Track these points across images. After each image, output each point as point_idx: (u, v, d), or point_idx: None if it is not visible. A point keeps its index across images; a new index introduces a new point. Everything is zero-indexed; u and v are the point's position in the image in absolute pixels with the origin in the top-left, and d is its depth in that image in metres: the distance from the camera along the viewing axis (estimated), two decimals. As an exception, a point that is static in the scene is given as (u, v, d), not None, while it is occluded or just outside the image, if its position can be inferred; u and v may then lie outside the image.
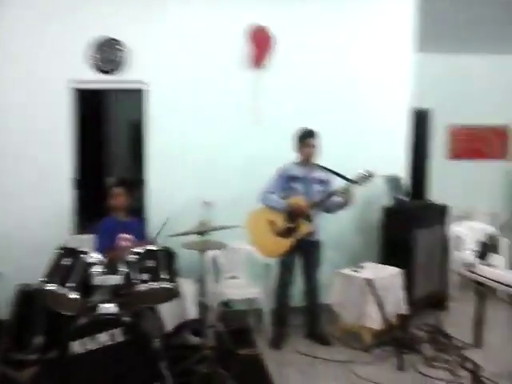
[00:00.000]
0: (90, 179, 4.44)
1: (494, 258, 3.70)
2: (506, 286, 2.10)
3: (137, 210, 4.03)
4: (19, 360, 2.99)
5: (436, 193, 6.07)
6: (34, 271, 2.94)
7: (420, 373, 3.29)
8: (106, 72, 4.15)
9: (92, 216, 4.23)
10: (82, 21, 4.08)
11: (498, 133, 6.86)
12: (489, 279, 2.24)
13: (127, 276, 2.91)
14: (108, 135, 4.42)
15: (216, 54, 4.29)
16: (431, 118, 6.68)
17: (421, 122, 6.24)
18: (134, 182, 4.29)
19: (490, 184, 6.69)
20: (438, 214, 4.48)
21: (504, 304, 4.58)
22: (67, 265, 2.84)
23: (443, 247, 4.53)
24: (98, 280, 2.83)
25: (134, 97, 4.36)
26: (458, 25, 5.45)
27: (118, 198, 3.66)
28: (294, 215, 3.69)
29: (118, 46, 4.10)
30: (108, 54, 4.11)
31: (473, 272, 2.41)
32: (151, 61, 4.21)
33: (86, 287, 2.84)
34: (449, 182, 6.36)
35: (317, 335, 3.88)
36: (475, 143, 6.84)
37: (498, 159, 6.88)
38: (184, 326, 3.56)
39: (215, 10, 4.28)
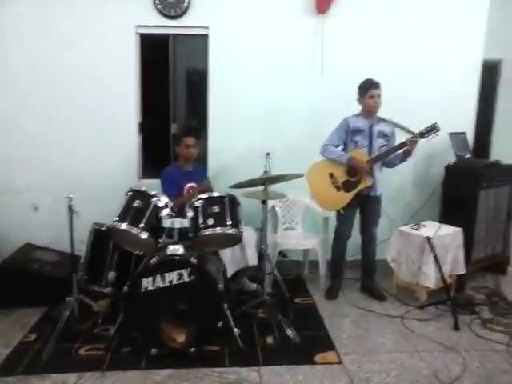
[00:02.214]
0: (154, 125, 4.51)
1: None
2: None
3: (199, 157, 4.10)
4: (95, 291, 3.21)
5: (503, 152, 5.81)
6: (107, 211, 3.09)
7: (476, 334, 3.29)
8: (169, 17, 4.13)
9: (156, 161, 4.39)
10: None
11: None
12: None
13: (194, 220, 3.02)
14: (171, 81, 4.44)
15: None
16: (501, 70, 6.28)
17: (490, 74, 5.88)
18: (199, 130, 4.35)
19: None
20: (505, 175, 4.30)
21: None
22: (138, 207, 2.98)
23: (508, 209, 4.38)
24: (166, 223, 2.96)
25: (198, 43, 4.33)
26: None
27: (188, 149, 3.73)
28: (355, 169, 3.66)
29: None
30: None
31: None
32: (214, 6, 4.13)
33: (156, 229, 2.98)
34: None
35: (372, 289, 3.92)
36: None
37: None
38: (244, 272, 3.69)
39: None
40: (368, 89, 3.64)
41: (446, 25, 4.31)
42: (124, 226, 2.92)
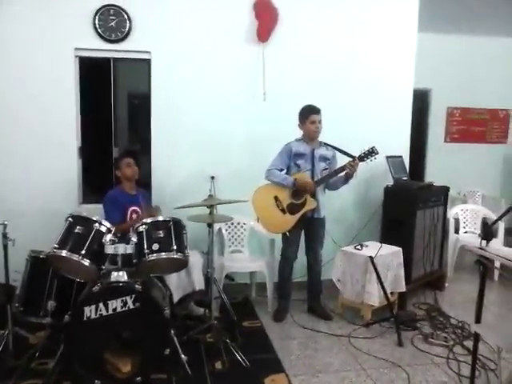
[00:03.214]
0: (95, 149, 4.41)
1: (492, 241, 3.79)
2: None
3: (142, 182, 4.05)
4: (32, 323, 3.03)
5: (433, 175, 6.16)
6: (45, 238, 2.98)
7: (418, 349, 3.39)
8: (110, 41, 4.10)
9: (98, 186, 4.26)
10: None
11: (499, 117, 6.92)
12: (505, 259, 2.29)
13: (138, 245, 2.95)
14: (113, 105, 4.38)
15: (221, 26, 4.24)
16: (431, 99, 6.72)
17: (421, 102, 6.27)
18: (141, 154, 4.29)
19: (487, 168, 6.78)
20: (439, 196, 4.55)
21: (500, 285, 4.70)
22: (79, 233, 2.88)
23: (442, 228, 4.61)
24: (109, 248, 2.86)
25: (140, 67, 4.32)
26: (458, 5, 5.45)
27: (128, 168, 3.68)
28: (300, 191, 3.73)
29: (122, 14, 4.04)
30: (112, 22, 4.06)
31: (485, 251, 2.46)
32: (156, 31, 4.14)
33: (99, 255, 2.87)
34: (446, 164, 6.44)
35: (319, 310, 3.97)
36: (474, 126, 6.91)
37: (497, 143, 6.96)
38: (190, 297, 3.62)
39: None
40: (309, 114, 3.75)
41: (380, 54, 4.56)
42: (64, 252, 2.80)
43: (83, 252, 2.81)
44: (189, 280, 3.55)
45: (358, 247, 4.00)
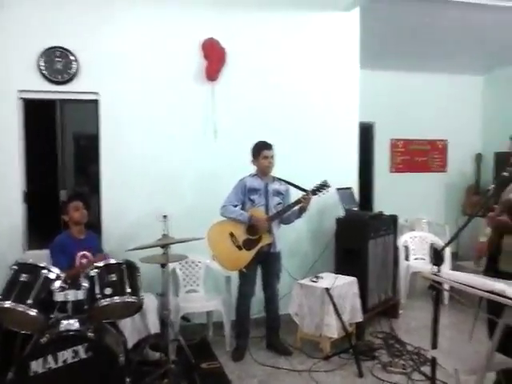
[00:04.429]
0: (41, 193, 4.26)
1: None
2: (476, 289, 2.23)
3: (91, 224, 3.93)
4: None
5: (379, 204, 6.37)
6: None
7: (378, 379, 3.40)
8: (56, 82, 4.04)
9: (44, 231, 4.09)
10: (32, 30, 3.96)
11: (438, 147, 7.30)
12: (457, 283, 2.37)
13: (89, 291, 2.84)
14: (59, 147, 4.27)
15: (170, 65, 4.28)
16: (375, 132, 7.01)
17: (365, 135, 6.53)
18: (90, 196, 4.18)
19: (431, 196, 7.08)
20: (388, 224, 4.68)
21: (451, 309, 4.83)
22: (25, 281, 2.74)
23: (393, 256, 4.73)
24: (59, 296, 2.73)
25: (87, 107, 4.28)
26: (397, 45, 5.82)
27: (76, 212, 3.57)
28: (255, 227, 3.74)
29: (69, 56, 4.01)
30: (58, 64, 4.01)
31: (438, 276, 2.53)
32: (104, 72, 4.13)
33: (47, 304, 2.74)
34: (393, 193, 6.66)
35: (278, 346, 3.93)
36: (416, 157, 7.23)
37: (438, 172, 7.30)
38: (145, 341, 3.49)
39: (169, 23, 4.27)
40: (261, 150, 3.82)
41: (326, 92, 4.73)
42: (8, 303, 2.65)
43: (29, 301, 2.67)
44: (143, 324, 3.44)
45: (314, 279, 4.02)
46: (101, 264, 2.97)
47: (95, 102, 4.18)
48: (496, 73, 7.09)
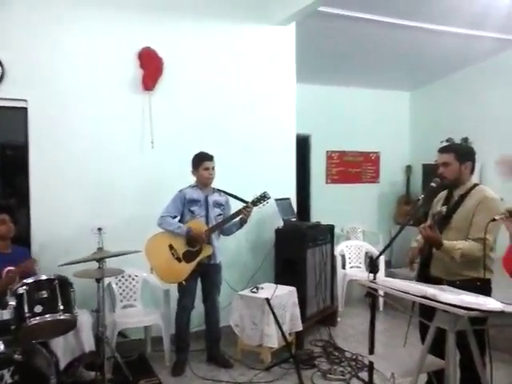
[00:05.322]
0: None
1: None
2: (410, 294, 2.32)
3: (20, 239, 3.71)
4: None
5: (316, 215, 6.52)
6: None
7: (319, 386, 3.46)
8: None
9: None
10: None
11: (371, 159, 7.59)
12: (393, 289, 2.45)
13: (17, 310, 2.67)
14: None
15: (105, 74, 4.15)
16: (311, 143, 7.19)
17: (302, 147, 6.67)
18: (18, 209, 3.95)
19: (365, 206, 7.34)
20: (325, 234, 4.79)
21: (385, 315, 5.00)
22: None
23: (331, 265, 4.84)
24: (-18, 316, 2.55)
25: (15, 115, 4.05)
26: (331, 61, 6.05)
27: (2, 226, 3.36)
28: (194, 239, 3.69)
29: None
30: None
31: (375, 283, 2.61)
32: (33, 79, 3.92)
33: (-31, 325, 2.54)
34: (327, 204, 6.85)
35: (218, 358, 3.88)
36: (350, 168, 7.49)
37: (371, 183, 7.60)
38: (80, 361, 3.32)
39: (105, 31, 4.16)
40: (202, 161, 3.79)
41: (264, 104, 4.78)
42: None
43: (-51, 323, 2.46)
44: (77, 342, 3.27)
45: (254, 290, 4.02)
46: (30, 280, 2.80)
47: (23, 109, 3.96)
48: (422, 89, 7.52)
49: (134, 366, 3.68)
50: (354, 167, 7.49)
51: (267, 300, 3.75)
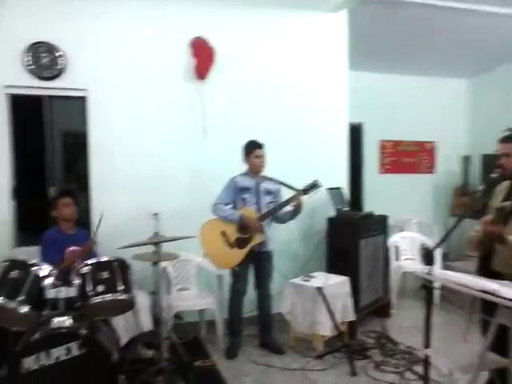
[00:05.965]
0: (29, 189, 4.19)
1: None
2: (470, 288, 2.23)
3: (81, 221, 3.87)
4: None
5: (368, 205, 6.39)
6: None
7: (372, 378, 3.40)
8: (43, 78, 3.97)
9: (33, 227, 4.03)
10: (18, 24, 3.88)
11: (426, 148, 7.36)
12: (452, 282, 2.37)
13: (81, 288, 2.79)
14: (48, 144, 4.21)
15: (159, 64, 4.24)
16: (364, 132, 7.05)
17: (355, 136, 6.55)
18: (79, 193, 4.12)
19: (419, 196, 7.13)
20: (379, 225, 4.70)
21: (441, 309, 4.86)
22: (16, 278, 2.69)
23: (384, 256, 4.75)
24: (50, 293, 2.69)
25: (75, 104, 4.22)
26: (386, 47, 5.86)
27: (66, 208, 3.51)
28: (246, 226, 3.72)
29: (55, 52, 3.94)
30: (45, 59, 3.95)
31: (432, 276, 2.53)
32: (93, 68, 4.07)
33: (38, 301, 2.69)
34: (380, 194, 6.70)
35: (270, 344, 3.91)
36: (404, 158, 7.28)
37: (426, 173, 7.37)
38: (138, 339, 3.44)
39: (158, 20, 4.24)
40: (253, 149, 3.81)
41: (316, 92, 4.74)
42: (-1, 300, 2.59)
43: (21, 298, 2.62)
44: (136, 321, 3.41)
45: (306, 279, 4.02)
46: (92, 261, 2.92)
47: (83, 98, 4.12)
48: (482, 76, 7.17)
49: (189, 347, 3.76)
50: (408, 157, 7.28)
51: (320, 289, 3.74)
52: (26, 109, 4.14)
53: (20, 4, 3.88)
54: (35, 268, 2.75)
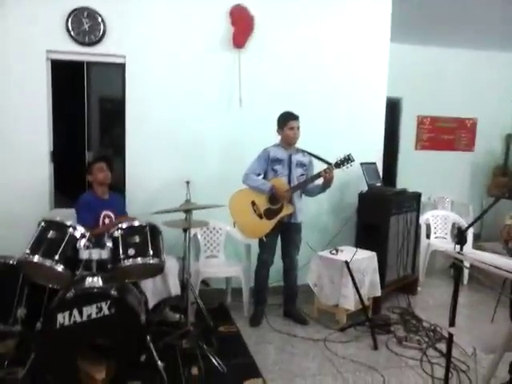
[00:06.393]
0: (67, 153, 4.33)
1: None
2: (501, 269, 2.20)
3: (116, 187, 3.99)
4: (0, 332, 2.93)
5: (402, 181, 6.29)
6: (15, 243, 2.90)
7: (393, 352, 3.43)
8: (84, 44, 4.03)
9: (70, 190, 4.18)
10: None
11: (466, 126, 7.12)
12: (483, 263, 2.34)
13: (113, 251, 2.90)
14: (86, 109, 4.31)
15: (197, 32, 4.22)
16: (402, 107, 6.87)
17: (392, 111, 6.40)
18: (114, 158, 4.23)
19: (456, 175, 6.96)
20: (411, 201, 4.63)
21: (470, 289, 4.81)
22: (53, 238, 2.80)
23: (415, 233, 4.70)
24: (84, 254, 2.80)
25: (114, 71, 4.28)
26: (428, 18, 5.63)
27: (100, 173, 3.62)
28: (276, 197, 3.74)
29: (96, 18, 3.98)
30: (86, 25, 3.99)
31: (463, 255, 2.50)
32: (132, 36, 4.10)
33: (73, 261, 2.81)
34: (415, 171, 6.58)
35: (294, 314, 3.98)
36: (442, 134, 7.09)
37: (465, 151, 7.16)
38: (166, 303, 3.57)
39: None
40: (288, 120, 3.78)
41: (354, 63, 4.64)
42: (36, 258, 2.72)
43: (56, 257, 2.74)
44: (164, 286, 3.51)
45: (334, 252, 4.03)
46: (125, 225, 3.01)
47: (122, 65, 4.17)
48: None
49: (215, 313, 3.90)
50: (446, 134, 7.08)
51: (346, 263, 3.75)
52: (65, 74, 4.23)
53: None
54: (71, 229, 2.86)
